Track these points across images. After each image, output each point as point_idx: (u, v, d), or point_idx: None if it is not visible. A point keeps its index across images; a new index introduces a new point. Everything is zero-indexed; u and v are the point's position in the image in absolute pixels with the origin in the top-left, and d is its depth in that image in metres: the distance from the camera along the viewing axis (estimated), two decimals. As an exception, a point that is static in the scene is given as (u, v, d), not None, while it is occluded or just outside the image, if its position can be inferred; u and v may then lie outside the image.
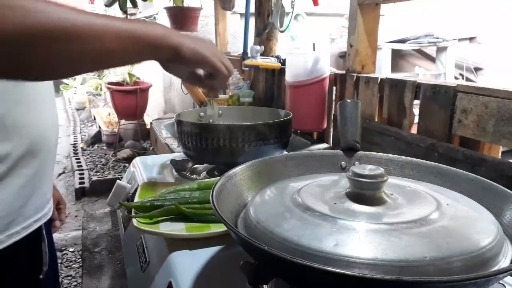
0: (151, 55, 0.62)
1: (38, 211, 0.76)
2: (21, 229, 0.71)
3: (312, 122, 1.52)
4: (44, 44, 0.47)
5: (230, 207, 0.63)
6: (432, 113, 1.04)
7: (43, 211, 0.78)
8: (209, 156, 1.04)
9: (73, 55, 0.50)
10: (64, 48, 0.49)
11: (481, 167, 0.88)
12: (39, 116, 0.73)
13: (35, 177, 0.73)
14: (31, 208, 0.74)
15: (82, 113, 5.72)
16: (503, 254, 0.50)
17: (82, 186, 3.23)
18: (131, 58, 0.62)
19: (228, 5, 2.43)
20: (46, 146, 0.75)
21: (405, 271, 0.44)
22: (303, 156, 0.80)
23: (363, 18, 1.31)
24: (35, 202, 0.75)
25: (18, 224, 0.71)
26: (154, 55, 0.62)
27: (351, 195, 0.57)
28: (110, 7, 3.00)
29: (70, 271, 2.21)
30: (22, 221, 0.72)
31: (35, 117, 0.72)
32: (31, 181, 0.72)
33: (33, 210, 0.74)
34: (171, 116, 2.49)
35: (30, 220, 0.74)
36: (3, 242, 0.68)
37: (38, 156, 0.73)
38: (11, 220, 0.69)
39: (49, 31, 0.46)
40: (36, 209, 0.75)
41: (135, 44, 0.56)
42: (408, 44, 3.73)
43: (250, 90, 2.05)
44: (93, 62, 0.54)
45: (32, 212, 0.74)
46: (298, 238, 0.49)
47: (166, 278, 0.70)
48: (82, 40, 0.50)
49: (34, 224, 0.75)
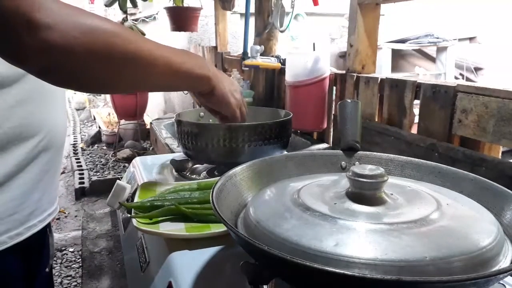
0: (189, 87, 0.75)
1: (51, 205, 0.79)
2: (37, 222, 0.74)
3: (312, 122, 1.52)
4: (118, 67, 0.54)
5: (230, 207, 0.63)
6: (432, 113, 1.04)
7: (54, 205, 0.81)
8: (209, 156, 1.04)
9: (135, 78, 0.58)
10: (131, 73, 0.57)
11: (481, 167, 0.87)
12: (54, 111, 0.77)
13: (50, 171, 0.76)
14: (46, 201, 0.76)
15: (82, 113, 5.72)
16: (503, 254, 0.50)
17: (82, 186, 3.23)
18: (169, 87, 0.75)
19: (228, 5, 2.43)
20: (59, 141, 0.79)
21: (405, 271, 0.44)
22: (303, 156, 0.80)
23: (363, 18, 1.31)
24: (49, 196, 0.77)
25: (36, 217, 0.73)
26: (191, 88, 0.75)
27: (351, 195, 0.57)
28: (110, 7, 3.00)
29: (70, 271, 2.21)
30: (39, 214, 0.74)
31: (52, 112, 0.76)
32: (46, 175, 0.75)
33: (47, 204, 0.77)
34: (171, 116, 2.48)
35: (45, 214, 0.76)
36: (22, 234, 0.70)
37: (52, 151, 0.76)
38: (30, 212, 0.72)
39: (131, 59, 0.54)
40: (49, 203, 0.78)
41: (178, 77, 0.65)
42: (408, 44, 3.73)
43: (250, 90, 2.04)
44: (141, 84, 0.63)
45: (47, 206, 0.77)
46: (298, 238, 0.49)
47: (166, 278, 0.70)
48: (147, 67, 0.58)
49: (48, 217, 0.77)
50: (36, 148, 0.72)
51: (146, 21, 4.32)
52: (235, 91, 0.81)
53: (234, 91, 0.81)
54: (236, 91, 0.82)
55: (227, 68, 2.55)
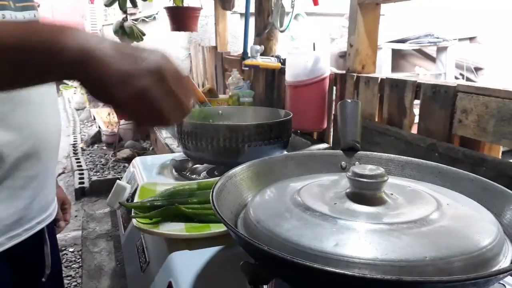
0: (49, 72, 0.43)
1: (41, 212, 0.76)
2: (22, 231, 0.71)
3: (312, 122, 1.52)
4: None
5: (230, 207, 0.63)
6: (433, 113, 1.04)
7: (46, 212, 0.77)
8: (209, 156, 1.04)
9: None
10: None
11: (482, 167, 0.87)
12: (41, 117, 0.73)
13: (38, 178, 0.73)
14: (34, 209, 0.73)
15: (82, 113, 5.72)
16: (503, 254, 0.50)
17: (82, 186, 3.23)
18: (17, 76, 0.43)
19: (228, 5, 2.43)
20: (48, 147, 0.75)
21: (405, 271, 0.44)
22: (303, 156, 0.80)
23: (363, 18, 1.31)
24: (38, 204, 0.74)
25: (21, 226, 0.71)
26: (54, 74, 0.43)
27: (351, 195, 0.57)
28: (110, 7, 3.00)
29: (70, 271, 2.21)
30: (25, 223, 0.71)
31: (37, 118, 0.72)
32: (33, 182, 0.72)
33: (36, 212, 0.74)
34: (171, 116, 2.48)
35: (33, 222, 0.73)
36: (4, 244, 0.67)
37: (40, 157, 0.73)
38: (13, 222, 0.69)
39: None
40: (39, 211, 0.75)
41: (25, 56, 0.41)
42: (408, 44, 3.73)
43: (250, 90, 2.04)
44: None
45: (35, 214, 0.74)
46: (298, 238, 0.49)
47: (166, 278, 0.70)
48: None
49: (37, 226, 0.74)
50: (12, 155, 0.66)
51: (146, 21, 4.33)
52: (150, 73, 0.43)
53: (141, 73, 0.42)
54: (153, 71, 0.43)
55: (227, 68, 2.55)
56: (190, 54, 3.42)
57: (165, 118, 0.45)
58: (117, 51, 0.42)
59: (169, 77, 0.43)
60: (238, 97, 1.97)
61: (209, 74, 2.95)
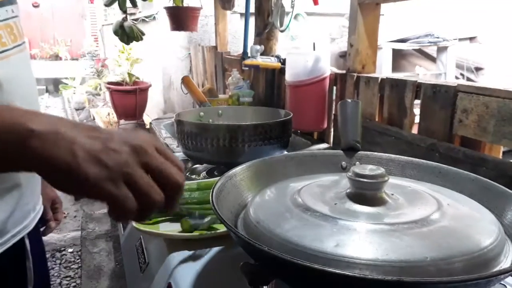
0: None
1: (17, 224, 0.68)
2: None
3: (312, 122, 1.52)
4: None
5: (230, 207, 0.63)
6: (433, 113, 1.04)
7: (23, 223, 0.69)
8: (209, 156, 1.04)
9: None
10: None
11: (482, 167, 0.87)
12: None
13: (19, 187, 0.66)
14: (11, 222, 0.66)
15: (82, 113, 5.71)
16: (504, 255, 0.50)
17: (82, 186, 3.23)
18: None
19: (228, 4, 2.43)
20: None
21: (406, 272, 0.44)
22: (303, 156, 0.80)
23: (363, 17, 1.31)
24: (14, 216, 0.67)
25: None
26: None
27: (352, 196, 0.57)
28: (110, 7, 3.00)
29: (69, 272, 2.20)
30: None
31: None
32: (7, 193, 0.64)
33: (11, 225, 0.66)
34: (171, 116, 2.48)
35: (8, 236, 0.66)
36: None
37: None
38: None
39: None
40: (14, 223, 0.67)
41: None
42: (408, 44, 3.73)
43: (250, 90, 2.04)
44: None
45: (11, 227, 0.66)
46: (298, 239, 0.49)
47: (166, 279, 0.69)
48: None
49: (12, 239, 0.67)
50: None
51: (146, 21, 4.32)
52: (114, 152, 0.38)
53: (107, 151, 0.38)
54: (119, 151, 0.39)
55: (227, 68, 2.55)
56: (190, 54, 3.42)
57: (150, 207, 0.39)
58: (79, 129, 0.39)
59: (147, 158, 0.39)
60: (238, 97, 1.97)
61: (209, 74, 2.94)
